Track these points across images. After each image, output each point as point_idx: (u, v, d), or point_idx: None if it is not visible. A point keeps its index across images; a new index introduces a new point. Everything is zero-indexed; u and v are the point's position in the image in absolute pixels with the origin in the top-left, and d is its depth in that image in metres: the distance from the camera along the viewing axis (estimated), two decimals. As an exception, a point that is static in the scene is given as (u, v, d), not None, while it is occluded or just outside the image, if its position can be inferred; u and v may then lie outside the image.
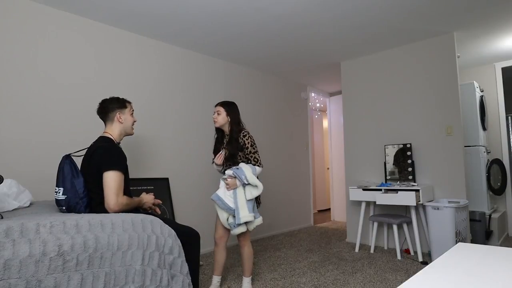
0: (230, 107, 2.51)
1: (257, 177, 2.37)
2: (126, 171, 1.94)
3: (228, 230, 2.45)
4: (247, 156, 2.44)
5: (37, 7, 2.68)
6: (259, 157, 2.46)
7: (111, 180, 1.80)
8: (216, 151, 2.58)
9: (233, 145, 2.42)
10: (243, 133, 2.45)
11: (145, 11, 2.88)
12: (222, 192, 2.34)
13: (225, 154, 2.46)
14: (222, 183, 2.39)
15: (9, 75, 2.52)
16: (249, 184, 2.30)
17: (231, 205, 2.30)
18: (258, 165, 2.42)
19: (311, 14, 3.03)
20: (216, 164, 2.52)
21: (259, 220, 2.36)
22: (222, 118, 2.47)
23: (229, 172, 2.33)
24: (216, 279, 2.50)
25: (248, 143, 2.43)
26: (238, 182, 2.31)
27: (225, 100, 2.61)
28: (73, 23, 2.89)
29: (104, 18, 2.97)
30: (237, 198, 2.30)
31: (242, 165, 2.34)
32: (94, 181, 1.86)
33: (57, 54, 2.78)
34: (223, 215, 2.35)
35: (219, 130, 2.58)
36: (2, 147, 2.45)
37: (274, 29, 3.32)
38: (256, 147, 2.47)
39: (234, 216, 2.32)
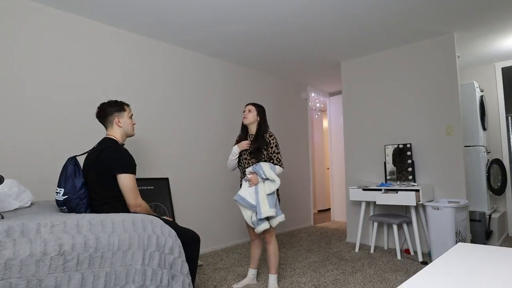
0: (261, 109, 2.68)
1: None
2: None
3: None
4: (270, 155, 2.56)
5: (37, 7, 2.68)
6: (281, 158, 2.59)
7: (129, 182, 1.88)
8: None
9: (259, 141, 2.56)
10: (269, 133, 2.62)
11: (145, 11, 2.88)
12: (244, 191, 2.48)
13: (250, 148, 2.57)
14: (244, 184, 2.52)
15: (9, 75, 2.52)
16: (267, 179, 2.44)
17: (253, 202, 2.41)
18: (279, 165, 2.54)
19: (311, 14, 3.03)
20: (235, 151, 2.61)
21: (281, 217, 2.47)
22: (252, 116, 2.62)
23: (249, 169, 2.49)
24: (251, 272, 2.68)
25: (273, 142, 2.58)
26: (259, 178, 2.44)
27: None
28: (73, 23, 2.89)
29: (104, 18, 2.97)
30: (258, 193, 2.42)
31: (260, 163, 2.50)
32: (100, 180, 1.87)
33: (56, 55, 2.78)
34: (247, 214, 2.46)
35: (243, 129, 2.72)
36: (3, 147, 2.45)
37: (274, 29, 3.32)
38: (279, 148, 2.62)
39: (256, 213, 2.43)
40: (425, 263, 3.21)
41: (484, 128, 4.16)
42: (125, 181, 1.87)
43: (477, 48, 3.98)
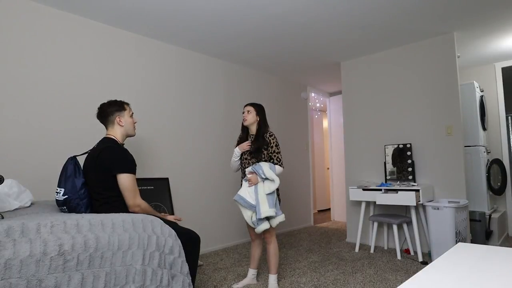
0: (260, 108, 2.67)
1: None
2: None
3: None
4: (270, 155, 2.56)
5: (37, 7, 2.68)
6: (281, 157, 2.58)
7: (129, 182, 1.89)
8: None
9: (259, 141, 2.56)
10: (269, 133, 2.62)
11: (145, 11, 2.88)
12: (243, 191, 2.48)
13: (251, 149, 2.57)
14: (244, 184, 2.52)
15: (9, 75, 2.52)
16: (267, 178, 2.44)
17: (253, 202, 2.41)
18: (279, 165, 2.54)
19: (311, 14, 3.03)
20: (236, 153, 2.63)
21: (281, 217, 2.46)
22: (252, 117, 2.61)
23: (249, 169, 2.51)
24: (251, 272, 2.68)
25: (273, 142, 2.58)
26: (258, 178, 2.44)
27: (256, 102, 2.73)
28: (72, 23, 2.89)
29: (104, 18, 2.97)
30: (258, 193, 2.42)
31: (260, 162, 2.51)
32: (100, 180, 1.87)
33: (56, 54, 2.78)
34: (247, 214, 2.46)
35: (244, 130, 2.71)
36: (3, 147, 2.45)
37: (274, 29, 3.32)
38: (279, 148, 2.62)
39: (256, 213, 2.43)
40: (425, 263, 3.21)
41: (484, 128, 4.16)
42: (125, 181, 1.87)
43: (477, 48, 3.98)
